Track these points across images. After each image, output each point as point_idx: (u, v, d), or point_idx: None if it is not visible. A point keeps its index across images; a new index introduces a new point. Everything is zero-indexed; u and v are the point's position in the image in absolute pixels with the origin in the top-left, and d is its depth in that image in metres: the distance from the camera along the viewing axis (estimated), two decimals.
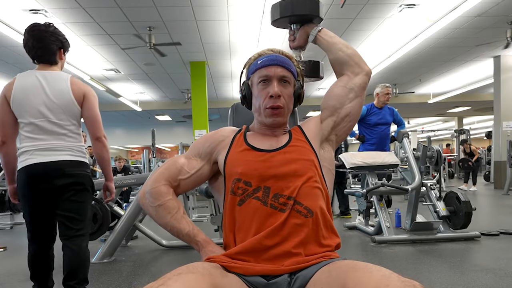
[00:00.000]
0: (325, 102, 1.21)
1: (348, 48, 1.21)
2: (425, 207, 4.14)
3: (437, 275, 2.68)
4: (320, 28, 1.25)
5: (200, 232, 1.11)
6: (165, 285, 0.80)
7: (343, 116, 1.17)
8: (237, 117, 1.44)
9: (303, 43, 1.30)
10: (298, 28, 1.31)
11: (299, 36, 1.29)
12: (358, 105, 1.19)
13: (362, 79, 1.19)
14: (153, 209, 1.11)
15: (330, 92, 1.21)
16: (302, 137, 1.16)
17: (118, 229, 3.48)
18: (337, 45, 1.21)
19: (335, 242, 1.07)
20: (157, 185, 1.12)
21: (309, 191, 1.05)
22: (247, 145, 1.13)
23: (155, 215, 1.11)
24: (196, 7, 5.73)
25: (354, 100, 1.18)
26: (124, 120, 16.38)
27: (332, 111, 1.18)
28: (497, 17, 6.41)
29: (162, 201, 1.10)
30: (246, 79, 1.19)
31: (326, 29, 1.26)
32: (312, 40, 1.27)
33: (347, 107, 1.17)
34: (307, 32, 1.27)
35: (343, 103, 1.17)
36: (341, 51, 1.20)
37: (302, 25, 1.30)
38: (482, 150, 15.42)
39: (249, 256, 1.00)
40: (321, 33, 1.24)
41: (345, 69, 1.20)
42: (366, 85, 1.20)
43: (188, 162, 1.16)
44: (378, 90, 4.55)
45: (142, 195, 1.15)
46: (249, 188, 1.05)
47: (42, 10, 5.50)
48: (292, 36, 1.31)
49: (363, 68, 1.19)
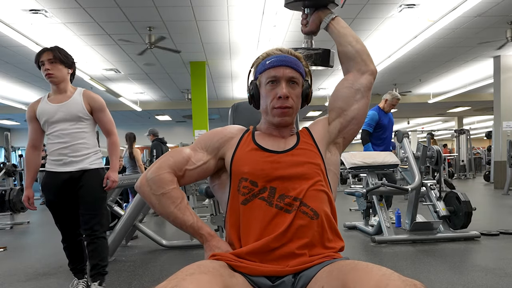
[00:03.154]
0: (332, 103, 1.20)
1: (358, 42, 1.20)
2: (425, 207, 4.14)
3: (437, 275, 2.68)
4: (334, 16, 1.23)
5: (205, 225, 1.09)
6: (179, 286, 0.77)
7: (350, 118, 1.17)
8: (237, 117, 1.44)
9: (315, 29, 1.27)
10: (311, 13, 1.27)
11: (312, 21, 1.26)
12: (364, 107, 1.19)
13: (367, 79, 1.18)
14: (156, 197, 1.07)
15: (337, 93, 1.20)
16: (310, 140, 1.15)
17: (118, 229, 3.48)
18: (348, 37, 1.20)
19: (340, 245, 1.07)
20: (161, 172, 1.08)
21: (315, 194, 1.05)
22: (256, 144, 1.12)
23: (158, 204, 1.07)
24: (196, 7, 5.73)
25: (360, 101, 1.18)
26: (124, 120, 16.37)
27: (339, 113, 1.18)
28: (497, 17, 6.41)
29: (167, 189, 1.07)
30: (254, 79, 1.18)
31: (340, 18, 1.23)
32: (325, 27, 1.24)
33: (353, 109, 1.17)
34: (321, 17, 1.24)
35: (350, 104, 1.17)
36: (350, 45, 1.19)
37: (316, 9, 1.26)
38: (482, 150, 15.46)
39: (254, 257, 1.00)
40: (334, 22, 1.22)
41: (352, 66, 1.20)
42: (371, 85, 1.20)
43: (194, 153, 1.14)
44: (389, 97, 4.65)
45: (143, 182, 1.09)
46: (255, 188, 1.05)
47: (42, 10, 5.50)
48: (305, 20, 1.28)
49: (369, 67, 1.19)
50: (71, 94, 2.30)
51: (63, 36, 6.58)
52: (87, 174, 2.31)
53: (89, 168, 2.31)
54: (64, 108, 2.25)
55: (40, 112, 2.27)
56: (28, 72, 8.71)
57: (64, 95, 2.29)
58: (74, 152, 2.27)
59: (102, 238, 2.35)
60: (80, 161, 2.29)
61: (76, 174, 2.28)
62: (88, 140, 2.33)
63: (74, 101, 2.28)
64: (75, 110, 2.26)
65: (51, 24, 6.04)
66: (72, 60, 2.34)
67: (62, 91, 2.29)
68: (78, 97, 2.29)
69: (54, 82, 2.27)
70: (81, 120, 2.28)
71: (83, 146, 2.29)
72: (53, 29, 6.25)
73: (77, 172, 2.28)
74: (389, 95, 4.66)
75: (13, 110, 12.59)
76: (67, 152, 2.26)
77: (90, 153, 2.33)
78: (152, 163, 1.13)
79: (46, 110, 2.26)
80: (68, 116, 2.24)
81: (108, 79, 9.88)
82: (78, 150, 2.28)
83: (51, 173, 2.30)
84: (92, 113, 2.33)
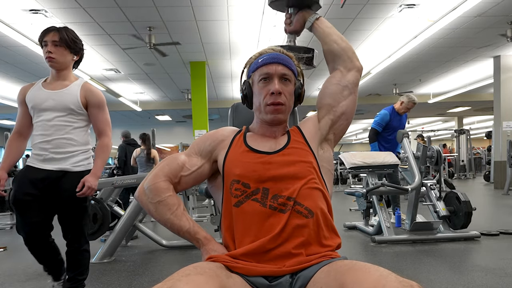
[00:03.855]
0: (320, 101, 1.21)
1: (343, 41, 1.21)
2: (425, 207, 4.14)
3: (437, 275, 2.68)
4: (318, 16, 1.25)
5: (201, 229, 1.10)
6: (175, 287, 0.77)
7: (340, 114, 1.18)
8: (237, 117, 1.44)
9: (299, 28, 1.30)
10: (295, 13, 1.29)
11: (296, 21, 1.28)
12: (353, 103, 1.20)
13: (354, 76, 1.20)
14: (152, 205, 1.10)
15: (325, 90, 1.21)
16: (300, 138, 1.15)
17: (118, 229, 3.49)
18: (332, 36, 1.22)
19: (336, 242, 1.07)
20: (157, 181, 1.11)
21: (309, 192, 1.05)
22: (247, 146, 1.12)
23: (155, 211, 1.10)
24: (196, 7, 5.73)
25: (348, 98, 1.18)
26: (124, 120, 16.37)
27: (328, 109, 1.18)
28: (497, 17, 6.41)
29: (162, 197, 1.09)
30: (247, 78, 1.19)
31: (323, 18, 1.25)
32: (309, 27, 1.26)
33: (342, 105, 1.18)
34: (305, 17, 1.27)
35: (338, 100, 1.18)
36: (335, 43, 1.21)
37: (300, 9, 1.28)
38: (482, 150, 15.46)
39: (251, 258, 1.00)
40: (319, 22, 1.24)
41: (338, 63, 1.21)
42: (358, 81, 1.21)
43: (189, 159, 1.16)
44: (405, 100, 4.59)
45: (141, 191, 1.13)
46: (247, 189, 1.05)
47: (42, 10, 5.50)
48: (289, 20, 1.30)
49: (355, 64, 1.20)
50: (69, 83, 2.02)
51: None
52: (68, 178, 1.98)
53: (71, 170, 1.99)
54: (56, 97, 1.97)
55: (30, 97, 2.00)
56: (28, 72, 8.71)
57: (61, 82, 2.01)
58: (56, 148, 1.96)
59: (83, 251, 2.09)
60: (62, 159, 1.98)
61: (53, 174, 1.96)
62: (77, 136, 2.01)
63: (70, 91, 1.99)
64: (68, 100, 1.97)
65: (51, 24, 6.00)
66: (81, 46, 2.06)
67: (61, 78, 2.02)
68: (75, 87, 2.01)
69: (55, 67, 2.00)
70: (72, 113, 1.99)
71: (68, 143, 1.98)
72: None
73: (56, 172, 1.96)
74: (406, 97, 4.60)
75: (13, 110, 12.59)
76: (49, 147, 1.96)
77: (76, 151, 2.01)
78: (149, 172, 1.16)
79: (36, 96, 1.98)
80: (58, 106, 1.96)
81: (108, 79, 9.88)
82: (61, 146, 1.97)
83: (29, 167, 2.00)
84: (88, 108, 2.04)
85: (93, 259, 3.38)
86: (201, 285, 0.80)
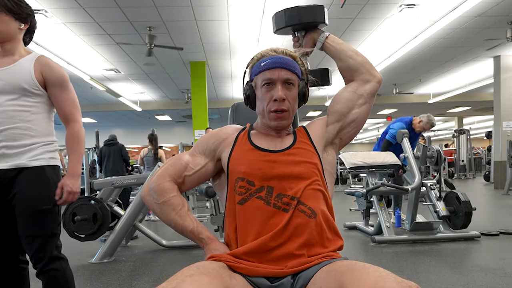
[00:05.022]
0: (332, 106, 1.19)
1: (358, 55, 1.19)
2: (425, 207, 4.14)
3: (437, 275, 2.68)
4: (327, 35, 1.23)
5: (205, 229, 1.11)
6: (179, 287, 0.78)
7: (350, 121, 1.17)
8: (237, 117, 1.44)
9: (310, 50, 1.27)
10: (303, 35, 1.26)
11: (305, 43, 1.25)
12: (366, 112, 1.18)
13: (373, 86, 1.18)
14: (157, 206, 1.11)
15: (339, 96, 1.19)
16: (307, 139, 1.15)
17: (118, 229, 3.49)
18: (347, 52, 1.19)
19: (339, 244, 1.07)
20: (162, 182, 1.12)
21: (312, 193, 1.05)
22: (251, 144, 1.12)
23: (159, 212, 1.11)
24: (196, 7, 5.73)
25: (362, 106, 1.17)
26: (124, 120, 16.38)
27: (339, 116, 1.17)
28: (497, 17, 6.41)
29: (167, 197, 1.10)
30: (250, 80, 1.17)
31: (333, 35, 1.23)
32: (320, 47, 1.24)
33: (354, 113, 1.16)
34: (314, 38, 1.24)
35: (351, 108, 1.16)
36: (351, 58, 1.18)
37: (307, 31, 1.25)
38: (482, 150, 15.45)
39: (252, 257, 1.00)
40: (329, 40, 1.22)
41: (356, 76, 1.19)
42: (375, 92, 1.19)
43: (192, 158, 1.16)
44: (424, 119, 4.45)
45: (146, 192, 1.14)
46: (252, 187, 1.05)
47: (42, 10, 5.50)
48: (297, 43, 1.27)
49: (375, 76, 1.18)
50: (19, 58, 1.56)
51: (63, 36, 6.59)
52: (25, 174, 1.52)
53: (28, 165, 1.52)
54: (4, 75, 1.51)
55: None
56: None
57: (8, 58, 1.55)
58: (8, 141, 1.50)
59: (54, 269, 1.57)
60: (17, 154, 1.52)
61: (6, 174, 1.51)
62: (36, 125, 1.55)
63: (20, 66, 1.54)
64: (19, 79, 1.51)
65: (51, 24, 6.04)
66: (28, 11, 1.58)
67: (7, 52, 1.56)
68: (27, 62, 1.55)
69: None
70: (27, 94, 1.53)
71: (24, 133, 1.52)
72: (53, 29, 6.25)
73: (9, 171, 1.51)
74: (427, 118, 4.44)
75: None
76: None
77: (36, 144, 1.55)
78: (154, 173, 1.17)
79: None
80: (7, 87, 1.50)
81: (108, 79, 9.88)
82: (15, 138, 1.51)
83: None
84: (47, 87, 1.58)
85: (93, 259, 3.39)
86: (205, 285, 0.81)
